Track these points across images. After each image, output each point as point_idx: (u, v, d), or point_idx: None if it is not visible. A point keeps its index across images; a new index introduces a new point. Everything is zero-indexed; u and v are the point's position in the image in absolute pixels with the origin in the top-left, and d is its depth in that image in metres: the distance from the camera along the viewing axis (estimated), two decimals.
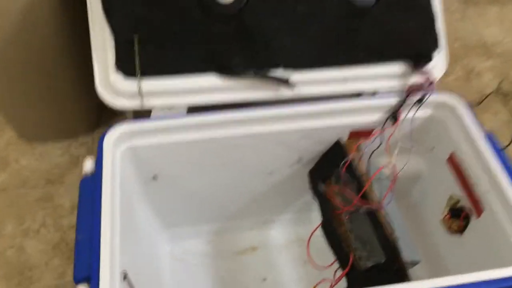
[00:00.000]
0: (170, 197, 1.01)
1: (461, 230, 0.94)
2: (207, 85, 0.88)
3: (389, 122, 0.94)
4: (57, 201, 1.26)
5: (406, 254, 0.84)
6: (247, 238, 1.13)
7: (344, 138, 0.97)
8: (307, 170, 1.03)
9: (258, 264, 1.10)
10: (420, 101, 0.92)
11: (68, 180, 1.29)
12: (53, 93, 1.23)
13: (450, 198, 0.97)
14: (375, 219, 0.85)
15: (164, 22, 0.86)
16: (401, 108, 0.93)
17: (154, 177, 0.96)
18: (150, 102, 0.87)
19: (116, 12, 0.83)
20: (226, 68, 0.87)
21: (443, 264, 1.00)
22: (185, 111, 0.89)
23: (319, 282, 0.95)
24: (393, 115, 0.93)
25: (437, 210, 1.00)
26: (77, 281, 0.69)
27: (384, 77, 0.94)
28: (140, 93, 0.85)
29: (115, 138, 0.84)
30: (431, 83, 0.91)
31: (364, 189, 0.87)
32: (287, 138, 0.94)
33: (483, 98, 1.45)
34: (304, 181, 1.04)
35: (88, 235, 0.73)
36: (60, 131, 1.36)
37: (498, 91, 1.48)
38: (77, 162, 1.33)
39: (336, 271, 0.92)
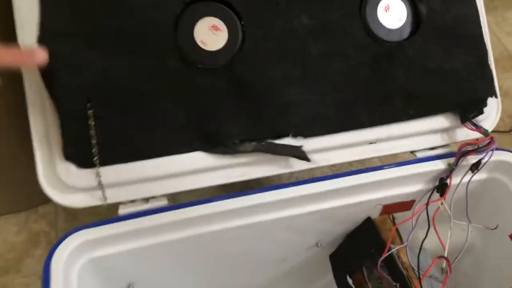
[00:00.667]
0: None
1: None
2: (193, 167, 0.64)
3: (435, 193, 0.72)
4: None
5: None
6: None
7: (375, 214, 0.75)
8: (327, 252, 0.80)
9: None
10: (476, 165, 0.69)
11: (26, 267, 1.05)
12: (4, 157, 0.99)
13: None
14: None
15: (129, 83, 0.62)
16: (451, 174, 0.70)
17: (130, 286, 0.72)
18: (116, 196, 0.63)
19: (58, 77, 0.59)
20: (216, 143, 0.63)
21: None
22: (165, 202, 0.66)
23: None
24: (441, 184, 0.71)
25: None
26: None
27: (424, 135, 0.72)
28: (100, 187, 0.62)
29: (70, 252, 0.61)
30: (490, 140, 0.68)
31: None
32: (301, 222, 0.71)
33: None
34: (323, 264, 0.81)
35: None
36: (15, 201, 1.11)
37: None
38: (37, 241, 1.08)
39: None
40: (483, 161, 0.69)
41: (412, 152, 0.73)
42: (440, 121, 0.71)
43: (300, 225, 0.72)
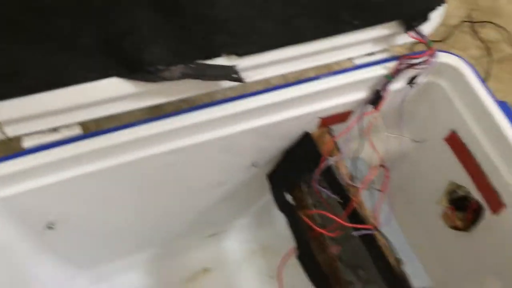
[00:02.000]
0: (82, 239, 0.72)
1: (468, 226, 0.74)
2: (107, 96, 0.55)
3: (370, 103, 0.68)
4: None
5: (416, 281, 0.64)
6: (197, 258, 0.88)
7: (313, 128, 0.71)
8: (264, 171, 0.77)
9: None
10: (413, 79, 0.66)
11: None
12: None
13: (450, 184, 0.76)
14: (372, 243, 0.62)
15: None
16: (387, 86, 0.67)
17: (50, 226, 0.65)
18: (17, 129, 0.54)
19: None
20: (136, 69, 0.54)
21: (444, 270, 0.81)
22: (78, 131, 0.57)
23: None
24: (376, 96, 0.68)
25: (433, 199, 0.79)
26: None
27: (365, 43, 0.67)
28: None
29: None
30: (431, 54, 0.64)
31: (353, 204, 0.63)
32: (236, 142, 0.66)
33: (449, 31, 1.23)
34: (262, 183, 0.78)
35: None
36: None
37: (466, 22, 1.26)
38: None
39: None
40: (422, 73, 0.66)
41: (350, 59, 0.68)
42: (383, 30, 0.66)
43: (235, 145, 0.67)
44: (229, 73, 0.57)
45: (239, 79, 0.58)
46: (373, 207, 0.67)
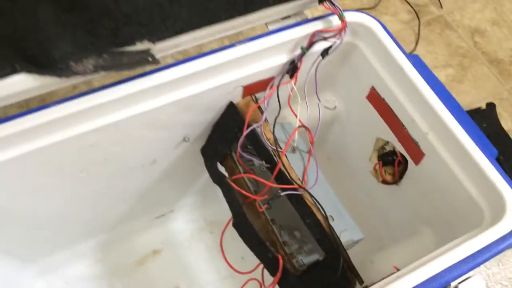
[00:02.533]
0: (13, 231, 0.72)
1: (396, 179, 0.77)
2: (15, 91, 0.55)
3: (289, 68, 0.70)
4: None
5: (347, 234, 0.66)
6: (145, 241, 0.89)
7: (238, 97, 0.73)
8: (198, 146, 0.78)
9: (165, 270, 0.87)
10: (327, 50, 0.68)
11: None
12: None
13: (378, 140, 0.79)
14: (299, 201, 0.64)
15: None
16: (302, 58, 0.69)
17: None
18: None
19: None
20: (46, 65, 0.54)
21: (379, 223, 0.84)
22: None
23: (244, 284, 0.76)
24: (291, 67, 0.70)
25: (364, 157, 0.82)
26: None
27: (279, 9, 0.68)
28: None
29: None
30: (343, 25, 0.66)
31: (278, 166, 0.65)
32: (161, 116, 0.67)
33: None
34: (198, 159, 0.79)
35: None
36: None
37: None
38: None
39: (263, 268, 0.72)
40: (334, 46, 0.68)
41: (266, 24, 0.70)
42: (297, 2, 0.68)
43: (161, 119, 0.68)
44: (145, 58, 0.57)
45: (155, 62, 0.59)
46: (302, 169, 0.69)
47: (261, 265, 0.70)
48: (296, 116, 0.71)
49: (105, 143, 0.65)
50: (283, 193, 0.63)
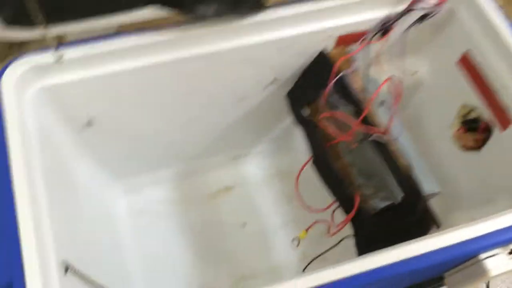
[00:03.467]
0: (115, 143, 0.79)
1: (479, 145, 0.77)
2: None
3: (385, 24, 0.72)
4: None
5: (425, 186, 0.68)
6: (219, 177, 0.94)
7: (330, 46, 0.76)
8: (284, 91, 0.82)
9: (235, 206, 0.92)
10: (422, 18, 0.70)
11: None
12: None
13: (463, 107, 0.79)
14: (383, 147, 0.67)
15: None
16: (397, 21, 0.71)
17: (89, 123, 0.72)
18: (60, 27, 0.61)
19: None
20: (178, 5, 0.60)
21: (455, 188, 0.84)
22: (114, 31, 0.64)
23: (312, 225, 0.79)
24: (384, 27, 0.72)
25: (446, 123, 0.82)
26: None
27: None
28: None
29: (19, 77, 0.60)
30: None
31: (366, 111, 0.68)
32: (258, 54, 0.72)
33: None
34: (283, 104, 0.83)
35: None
36: None
37: None
38: None
39: (334, 211, 0.75)
40: (432, 14, 0.69)
41: None
42: None
43: (257, 57, 0.72)
44: (258, 6, 0.63)
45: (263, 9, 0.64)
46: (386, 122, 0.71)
47: (330, 209, 0.74)
48: (382, 73, 0.73)
49: (205, 72, 0.71)
50: (372, 136, 0.66)
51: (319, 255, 0.75)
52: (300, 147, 0.95)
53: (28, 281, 0.48)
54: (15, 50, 1.09)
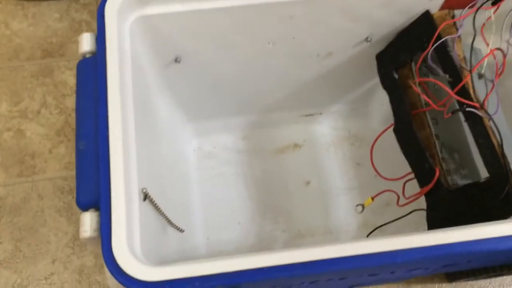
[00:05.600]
0: (195, 83, 0.79)
1: None
2: None
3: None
4: (58, 77, 1.05)
5: None
6: (289, 133, 0.93)
7: (435, 8, 0.71)
8: (374, 51, 0.78)
9: (301, 164, 0.91)
10: None
11: (69, 51, 1.06)
12: None
13: None
14: (476, 122, 0.63)
15: None
16: None
17: (177, 59, 0.72)
18: None
19: None
20: None
21: None
22: None
23: (381, 193, 0.77)
24: None
25: None
26: (82, 207, 0.51)
27: None
28: None
29: (121, 4, 0.60)
30: None
31: (464, 81, 0.63)
32: (359, 6, 0.68)
33: None
34: (369, 66, 0.80)
35: (93, 144, 0.53)
36: None
37: None
38: (79, 29, 1.08)
39: (405, 182, 0.72)
40: None
41: None
42: None
43: (356, 9, 0.69)
44: None
45: None
46: (484, 96, 0.67)
47: (401, 180, 0.71)
48: (487, 45, 0.68)
49: (302, 18, 0.68)
50: (467, 108, 0.62)
51: (387, 223, 0.73)
52: (376, 113, 0.92)
53: (113, 203, 0.50)
54: None
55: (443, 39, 0.65)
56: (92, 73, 0.57)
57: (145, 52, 0.68)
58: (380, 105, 0.89)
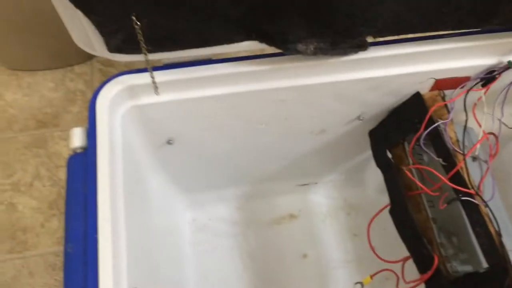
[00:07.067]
0: (188, 160, 0.79)
1: None
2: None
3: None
4: (52, 148, 1.04)
5: None
6: (284, 204, 0.92)
7: (425, 89, 0.71)
8: (367, 127, 0.78)
9: (297, 236, 0.90)
10: None
11: (64, 121, 1.07)
12: (41, 15, 0.96)
13: None
14: (472, 209, 0.62)
15: None
16: (503, 72, 0.66)
17: (169, 142, 0.72)
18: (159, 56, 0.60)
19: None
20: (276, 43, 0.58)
21: None
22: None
23: (378, 272, 0.76)
24: (488, 77, 0.67)
25: None
26: None
27: None
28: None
29: (114, 95, 0.60)
30: None
31: (458, 166, 0.63)
32: (350, 90, 0.69)
33: None
34: (363, 140, 0.80)
35: (81, 247, 0.52)
36: (52, 58, 1.10)
37: None
38: (74, 99, 1.09)
39: (404, 263, 0.71)
40: None
41: None
42: None
43: (347, 93, 0.69)
44: (360, 46, 0.60)
45: (366, 48, 0.61)
46: (479, 179, 0.66)
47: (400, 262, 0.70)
48: (480, 125, 0.68)
49: (294, 102, 0.68)
50: (463, 197, 0.61)
51: None
52: (372, 181, 0.92)
53: None
54: None
55: (435, 125, 0.65)
56: (82, 169, 0.56)
57: (137, 137, 0.68)
58: (375, 173, 0.89)
